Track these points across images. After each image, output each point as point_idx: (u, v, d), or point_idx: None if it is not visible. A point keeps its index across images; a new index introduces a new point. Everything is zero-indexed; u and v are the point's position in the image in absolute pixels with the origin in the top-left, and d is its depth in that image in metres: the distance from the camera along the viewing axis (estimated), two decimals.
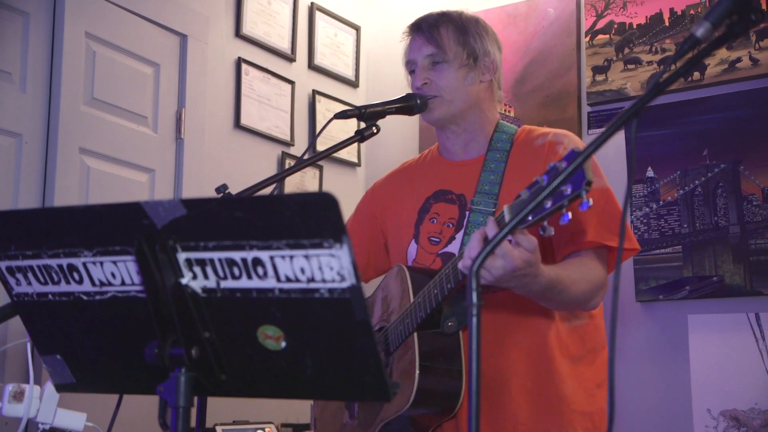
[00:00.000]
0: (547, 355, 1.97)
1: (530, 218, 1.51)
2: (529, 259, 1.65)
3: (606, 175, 1.99)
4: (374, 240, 2.26)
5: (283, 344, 1.18)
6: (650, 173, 3.51)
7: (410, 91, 2.10)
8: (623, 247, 1.90)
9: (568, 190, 1.43)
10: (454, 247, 2.06)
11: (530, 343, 1.97)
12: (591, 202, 1.42)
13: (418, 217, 2.13)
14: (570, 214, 1.46)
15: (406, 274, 1.99)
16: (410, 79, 2.14)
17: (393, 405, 1.92)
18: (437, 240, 2.08)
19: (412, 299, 1.93)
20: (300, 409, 3.54)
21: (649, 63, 3.65)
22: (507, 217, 1.59)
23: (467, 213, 2.04)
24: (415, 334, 1.89)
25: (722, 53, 3.44)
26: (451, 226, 2.07)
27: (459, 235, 2.05)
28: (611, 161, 3.55)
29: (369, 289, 2.09)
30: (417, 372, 1.85)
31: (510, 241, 1.64)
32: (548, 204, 1.47)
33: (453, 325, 1.88)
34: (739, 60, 3.43)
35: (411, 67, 2.12)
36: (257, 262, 1.14)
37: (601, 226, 1.89)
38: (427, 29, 2.07)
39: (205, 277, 1.18)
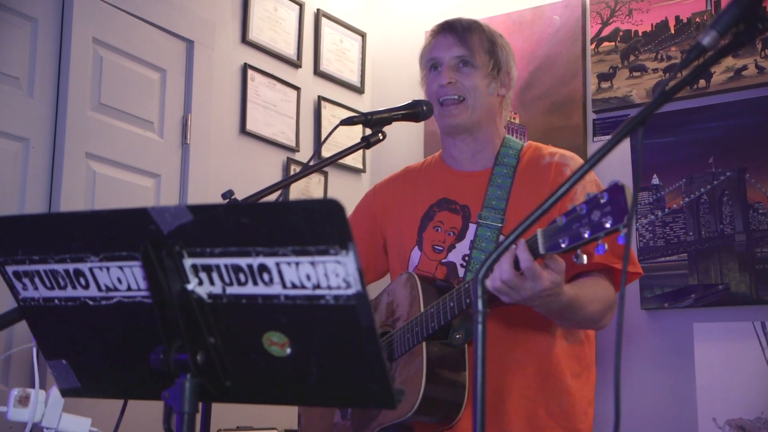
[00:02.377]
0: (546, 373, 2.00)
1: (564, 245, 1.56)
2: (555, 280, 1.68)
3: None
4: (374, 242, 2.26)
5: (288, 351, 1.18)
6: (656, 180, 3.51)
7: (417, 95, 2.11)
8: (631, 272, 1.95)
9: (609, 222, 1.47)
10: (454, 256, 2.06)
11: (529, 361, 1.99)
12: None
13: (421, 223, 2.13)
14: (606, 246, 1.51)
15: (417, 282, 1.99)
16: (426, 77, 2.13)
17: (394, 410, 1.91)
18: (440, 248, 2.09)
19: (422, 308, 1.93)
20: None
21: (655, 70, 3.65)
22: (540, 242, 1.63)
23: (474, 227, 2.04)
24: (424, 344, 1.90)
25: (728, 61, 3.44)
26: (452, 234, 2.08)
27: (459, 245, 2.06)
28: (617, 168, 3.54)
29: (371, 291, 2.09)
30: (424, 380, 1.86)
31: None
32: (586, 233, 1.51)
33: (461, 338, 1.90)
34: (744, 68, 3.43)
35: (433, 63, 2.11)
36: (263, 268, 1.14)
37: (609, 248, 1.91)
38: (461, 31, 2.08)
39: (211, 283, 1.18)
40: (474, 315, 1.17)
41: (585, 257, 1.56)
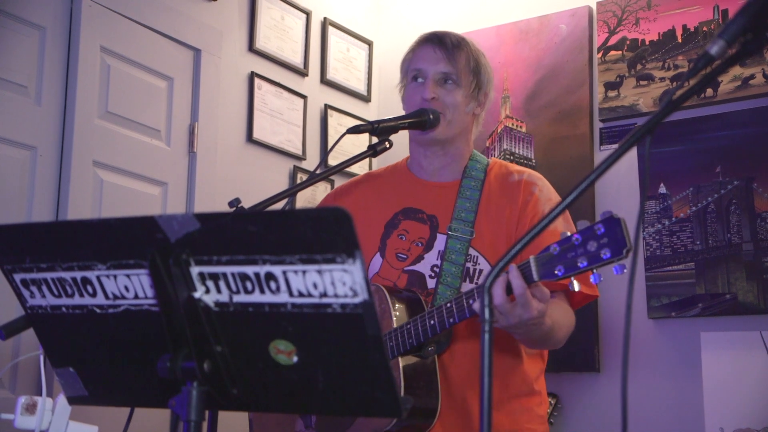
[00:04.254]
0: (522, 380, 2.06)
1: (560, 273, 1.60)
2: (542, 310, 1.72)
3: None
4: None
5: (295, 359, 1.18)
6: (663, 189, 3.50)
7: (404, 96, 2.13)
8: (589, 293, 1.97)
9: (607, 254, 1.52)
10: (422, 267, 2.08)
11: (499, 367, 2.01)
12: (626, 268, 1.50)
13: (384, 230, 2.14)
14: (601, 276, 1.56)
15: (386, 295, 1.99)
16: (407, 85, 2.13)
17: (370, 424, 1.94)
18: (404, 257, 2.09)
19: (394, 323, 1.95)
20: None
21: (662, 79, 3.64)
22: (533, 269, 1.65)
23: (444, 237, 2.06)
24: (400, 359, 1.93)
25: (735, 70, 3.44)
26: (420, 245, 2.09)
27: (428, 256, 2.08)
28: (624, 177, 3.54)
29: None
30: (402, 394, 1.90)
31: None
32: (583, 263, 1.56)
33: (433, 350, 1.95)
34: (752, 77, 3.43)
35: (416, 74, 2.11)
36: (270, 276, 1.14)
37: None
38: (450, 47, 2.09)
39: (218, 291, 1.18)
40: (481, 324, 1.17)
41: (578, 285, 1.61)
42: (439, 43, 2.10)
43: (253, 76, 3.71)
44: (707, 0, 3.59)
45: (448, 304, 1.84)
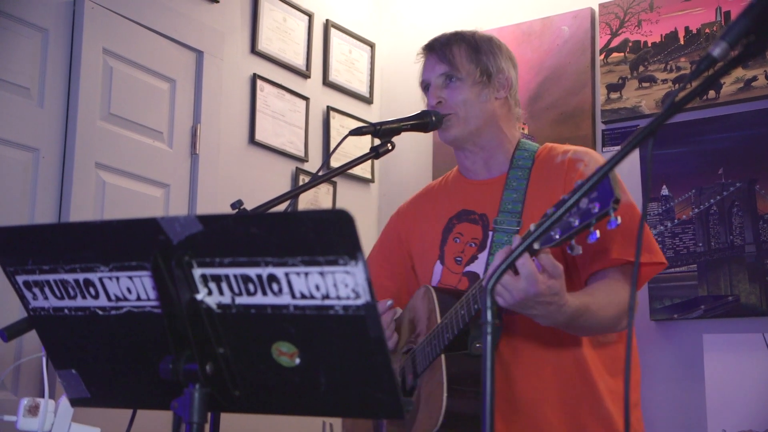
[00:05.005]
0: (583, 374, 1.93)
1: (557, 236, 1.51)
2: (552, 286, 1.63)
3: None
4: (403, 264, 2.23)
5: (297, 361, 1.18)
6: (665, 191, 3.50)
7: (425, 108, 2.10)
8: (649, 261, 1.89)
9: (596, 207, 1.43)
10: (477, 267, 2.04)
11: (564, 363, 1.94)
12: (619, 220, 1.40)
13: (442, 237, 2.12)
14: (598, 233, 1.45)
15: (433, 294, 1.97)
16: (426, 99, 2.14)
17: (421, 427, 1.89)
18: (461, 259, 2.07)
19: (439, 320, 1.91)
20: (312, 426, 3.53)
21: (664, 81, 3.64)
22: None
23: (491, 233, 2.02)
24: (443, 356, 1.86)
25: (737, 72, 3.43)
26: (473, 245, 2.06)
27: (482, 255, 2.04)
28: (626, 179, 3.52)
29: None
30: (445, 395, 1.82)
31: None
32: (576, 222, 1.47)
33: (480, 347, 1.83)
34: (754, 78, 3.42)
35: (425, 85, 2.12)
36: (272, 278, 1.14)
37: (626, 242, 1.85)
38: (439, 48, 2.08)
39: (221, 293, 1.18)
40: (483, 326, 1.17)
41: (580, 248, 1.50)
42: (430, 48, 2.10)
43: (255, 77, 3.71)
44: (710, 2, 3.59)
45: (473, 291, 1.78)
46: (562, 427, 1.91)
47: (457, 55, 2.07)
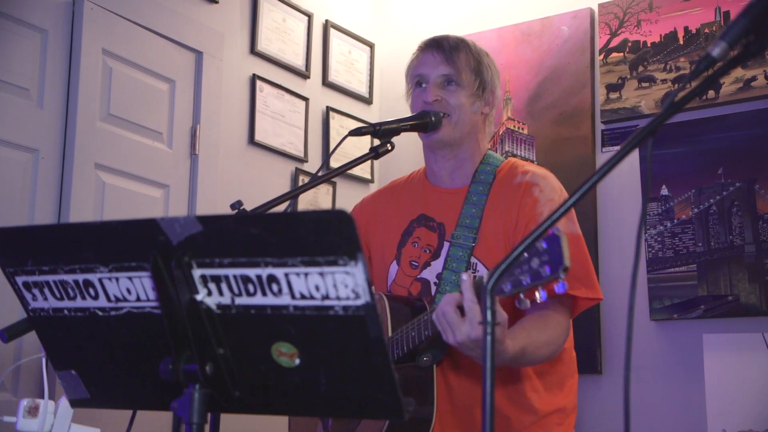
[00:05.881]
0: (518, 391, 2.01)
1: (507, 290, 1.57)
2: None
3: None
4: None
5: (297, 361, 1.18)
6: (665, 191, 3.50)
7: (411, 103, 2.13)
8: (586, 297, 1.93)
9: (546, 271, 1.49)
10: (429, 274, 2.08)
11: (502, 382, 2.00)
12: (567, 285, 1.50)
13: (401, 238, 2.15)
14: (546, 293, 1.53)
15: (386, 304, 2.00)
16: (412, 92, 2.14)
17: (367, 429, 1.95)
18: (416, 264, 2.11)
19: (390, 332, 1.96)
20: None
21: (664, 81, 3.64)
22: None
23: (446, 244, 2.06)
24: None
25: (737, 72, 3.43)
26: (428, 251, 2.10)
27: (435, 263, 2.08)
28: (626, 179, 3.54)
29: None
30: None
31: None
32: (526, 280, 1.53)
33: (428, 360, 1.93)
34: (754, 78, 3.42)
35: (419, 80, 2.13)
36: (272, 279, 1.14)
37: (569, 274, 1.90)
38: (448, 49, 2.10)
39: (220, 293, 1.18)
40: (483, 326, 1.17)
41: (528, 302, 1.57)
42: (438, 47, 2.11)
43: (254, 78, 3.71)
44: (709, 2, 3.59)
45: (425, 317, 1.85)
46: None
47: (463, 61, 2.09)
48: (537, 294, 1.54)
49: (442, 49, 2.10)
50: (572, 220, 1.99)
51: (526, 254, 1.53)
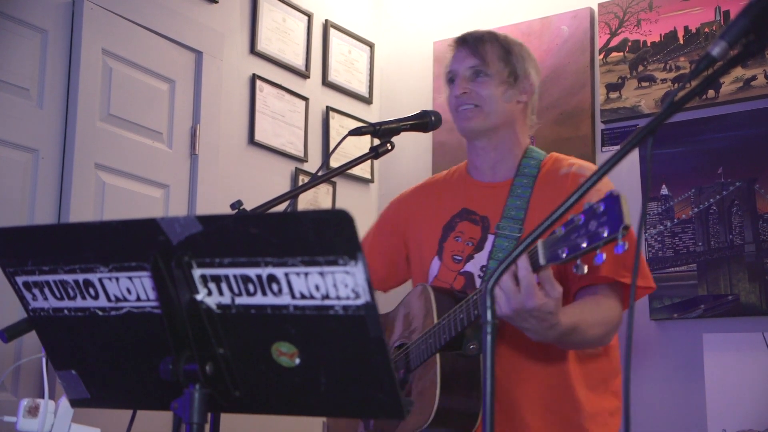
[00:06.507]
0: (566, 386, 1.98)
1: (564, 255, 1.55)
2: (547, 304, 1.66)
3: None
4: (396, 251, 2.26)
5: (297, 361, 1.18)
6: (664, 191, 3.50)
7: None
8: (640, 285, 1.92)
9: (606, 231, 1.46)
10: (472, 267, 2.06)
11: (549, 373, 1.98)
12: (627, 245, 1.44)
13: (443, 233, 2.14)
14: (605, 255, 1.50)
15: (431, 294, 1.99)
16: (448, 91, 2.15)
17: (410, 422, 1.92)
18: (460, 258, 2.09)
19: (435, 320, 1.93)
20: (312, 426, 3.53)
21: (664, 81, 3.64)
22: (540, 253, 1.62)
23: (493, 237, 2.04)
24: (438, 355, 1.90)
25: (737, 71, 3.43)
26: (471, 245, 2.08)
27: (478, 256, 2.06)
28: (625, 179, 3.54)
29: (387, 302, 2.08)
30: (438, 392, 1.86)
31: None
32: (584, 243, 1.50)
33: (475, 348, 1.88)
34: (754, 78, 3.42)
35: (450, 77, 2.13)
36: (272, 278, 1.14)
37: (616, 261, 1.87)
38: (472, 43, 2.11)
39: (220, 293, 1.18)
40: (483, 325, 1.17)
41: (585, 267, 1.54)
42: (463, 42, 2.12)
43: (254, 78, 3.71)
44: (709, 1, 3.59)
45: (474, 297, 1.81)
46: (538, 428, 1.96)
47: (489, 52, 2.09)
48: (595, 258, 1.50)
49: (468, 43, 2.11)
50: None
51: (582, 218, 1.51)
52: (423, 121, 2.07)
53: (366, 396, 1.17)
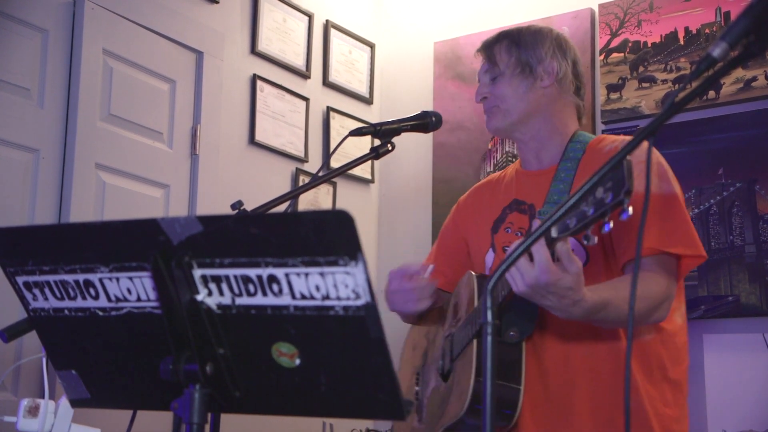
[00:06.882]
0: (616, 367, 1.90)
1: (572, 225, 1.50)
2: (564, 279, 1.61)
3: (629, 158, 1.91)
4: (460, 252, 2.27)
5: (298, 361, 1.18)
6: None
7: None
8: (689, 254, 1.87)
9: (609, 198, 1.41)
10: None
11: (597, 353, 1.91)
12: (631, 211, 1.38)
13: (494, 226, 2.15)
14: (611, 224, 1.44)
15: (474, 280, 2.00)
16: None
17: (450, 411, 1.92)
18: (509, 248, 2.09)
19: (476, 305, 1.94)
20: (313, 426, 3.53)
21: (664, 81, 3.64)
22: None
23: (535, 223, 2.02)
24: (474, 341, 1.88)
25: (737, 72, 3.43)
26: (519, 234, 2.08)
27: None
28: None
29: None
30: (472, 379, 1.84)
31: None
32: (590, 211, 1.46)
33: (514, 335, 1.85)
34: (754, 79, 3.42)
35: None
36: (272, 279, 1.14)
37: (664, 232, 1.84)
38: (484, 49, 2.14)
39: (221, 293, 1.18)
40: (483, 326, 1.17)
41: (595, 238, 1.49)
42: (480, 50, 2.16)
43: (255, 78, 3.71)
44: (709, 2, 3.59)
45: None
46: (590, 418, 1.90)
47: (497, 53, 2.11)
48: (603, 227, 1.44)
49: (482, 50, 2.14)
50: (666, 179, 1.90)
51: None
52: (424, 122, 2.07)
53: (366, 396, 1.17)
